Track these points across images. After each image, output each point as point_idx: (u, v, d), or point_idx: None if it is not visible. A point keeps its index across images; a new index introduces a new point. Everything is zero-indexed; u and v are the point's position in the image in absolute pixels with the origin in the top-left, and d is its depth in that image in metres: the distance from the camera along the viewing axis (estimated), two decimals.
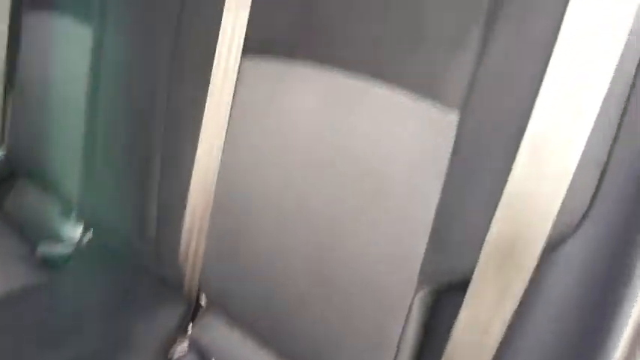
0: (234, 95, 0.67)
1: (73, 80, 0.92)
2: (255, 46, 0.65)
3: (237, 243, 0.68)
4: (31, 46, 1.03)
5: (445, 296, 0.53)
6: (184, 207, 0.74)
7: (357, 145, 0.56)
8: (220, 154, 0.69)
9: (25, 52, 1.04)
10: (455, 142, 0.49)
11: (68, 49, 0.94)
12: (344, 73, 0.57)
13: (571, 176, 0.42)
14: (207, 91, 0.69)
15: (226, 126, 0.68)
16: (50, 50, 0.98)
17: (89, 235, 0.96)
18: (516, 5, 0.46)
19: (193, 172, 0.72)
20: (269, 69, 0.63)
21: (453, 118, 0.49)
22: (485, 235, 0.46)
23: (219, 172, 0.69)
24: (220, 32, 0.67)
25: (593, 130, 0.42)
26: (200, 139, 0.70)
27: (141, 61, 0.79)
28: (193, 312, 0.78)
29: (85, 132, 0.90)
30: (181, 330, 0.76)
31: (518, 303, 0.46)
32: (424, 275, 0.51)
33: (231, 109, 0.67)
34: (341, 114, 0.57)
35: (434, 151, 0.50)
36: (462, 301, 0.49)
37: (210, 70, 0.68)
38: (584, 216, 0.44)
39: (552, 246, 0.44)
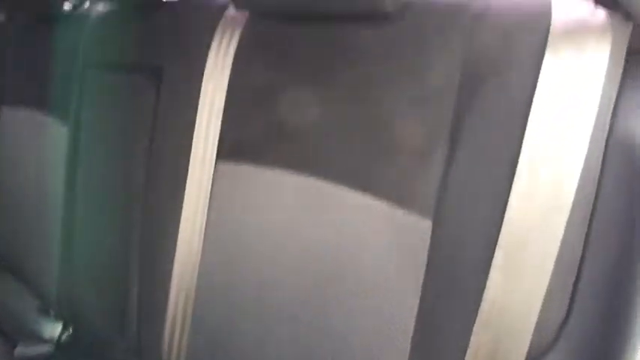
0: (210, 196, 0.67)
1: (50, 176, 0.92)
2: (229, 150, 0.66)
3: (221, 342, 0.67)
4: (8, 141, 1.04)
5: None
6: (165, 305, 0.73)
7: (332, 249, 0.56)
8: (199, 253, 0.68)
9: (1, 146, 1.05)
10: (429, 250, 0.49)
11: (45, 145, 0.94)
12: (316, 179, 0.58)
13: (545, 288, 0.42)
14: (184, 192, 0.69)
15: (204, 225, 0.68)
16: (27, 145, 0.99)
17: (69, 332, 0.94)
18: (479, 117, 0.47)
19: (173, 270, 0.71)
20: (243, 172, 0.64)
21: (426, 226, 0.49)
22: (467, 344, 0.46)
23: (199, 271, 0.69)
24: (195, 135, 0.68)
25: (564, 240, 0.42)
26: (178, 238, 0.70)
27: (117, 160, 0.79)
28: None
29: (63, 229, 0.89)
30: None
31: None
32: None
33: (208, 208, 0.67)
34: (315, 218, 0.57)
35: (409, 257, 0.50)
36: None
37: (187, 172, 0.69)
38: (562, 327, 0.44)
39: (533, 357, 0.44)
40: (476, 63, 0.48)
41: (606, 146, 0.43)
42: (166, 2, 0.80)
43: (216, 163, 0.66)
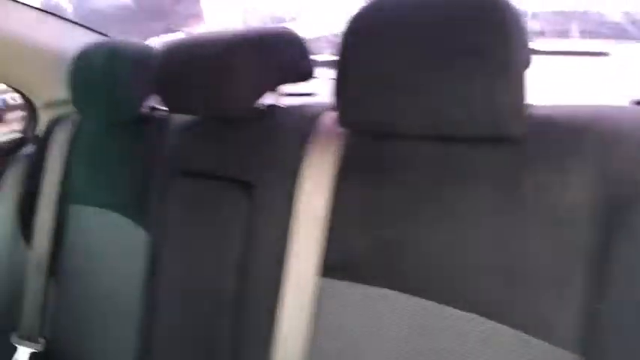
0: (314, 313, 0.64)
1: (125, 279, 0.89)
2: (332, 266, 0.64)
3: None
4: (78, 239, 1.02)
5: None
6: None
7: None
8: None
9: (71, 244, 1.03)
10: None
11: (118, 247, 0.93)
12: (432, 302, 0.55)
13: None
14: (278, 307, 0.66)
15: (304, 344, 0.64)
16: (99, 245, 0.97)
17: None
18: (629, 245, 0.45)
19: None
20: (349, 290, 0.61)
21: None
22: None
23: None
24: (291, 249, 0.66)
25: None
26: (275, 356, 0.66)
27: (205, 270, 0.77)
28: None
29: (140, 334, 0.85)
30: None
31: None
32: None
33: (311, 326, 0.64)
34: (432, 343, 0.55)
35: None
36: None
37: (281, 286, 0.66)
38: None
39: None
40: (615, 186, 0.47)
41: None
42: (257, 110, 0.77)
43: (318, 280, 0.64)
